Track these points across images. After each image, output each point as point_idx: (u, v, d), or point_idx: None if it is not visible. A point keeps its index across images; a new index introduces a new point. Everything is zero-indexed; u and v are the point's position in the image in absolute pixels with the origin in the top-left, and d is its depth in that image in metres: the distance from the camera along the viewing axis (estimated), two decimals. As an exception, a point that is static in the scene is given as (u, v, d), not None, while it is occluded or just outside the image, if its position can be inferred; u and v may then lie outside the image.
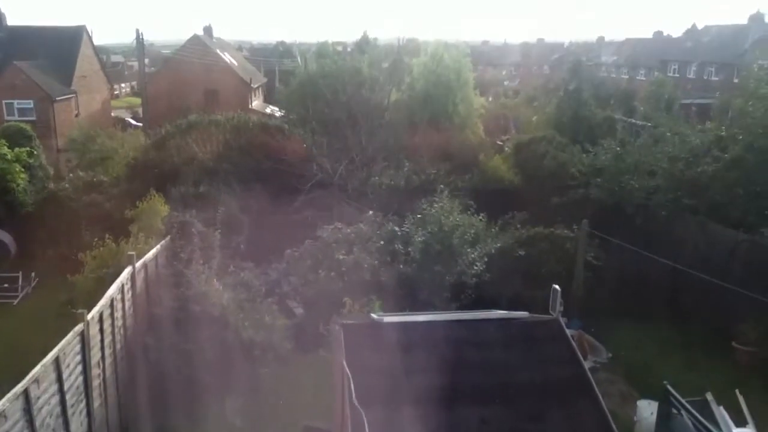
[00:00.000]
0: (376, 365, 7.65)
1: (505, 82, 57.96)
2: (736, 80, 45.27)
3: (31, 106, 35.06)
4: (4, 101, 34.78)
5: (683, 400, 11.58)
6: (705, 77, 57.90)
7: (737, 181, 16.84)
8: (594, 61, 75.73)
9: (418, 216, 17.09)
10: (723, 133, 18.91)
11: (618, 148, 20.39)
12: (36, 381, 8.03)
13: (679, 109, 34.02)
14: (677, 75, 60.65)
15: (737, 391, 11.50)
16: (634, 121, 29.72)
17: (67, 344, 9.05)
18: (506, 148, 27.97)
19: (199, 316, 12.52)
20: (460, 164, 23.70)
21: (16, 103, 34.97)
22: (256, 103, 50.38)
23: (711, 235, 16.91)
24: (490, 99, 45.16)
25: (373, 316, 9.00)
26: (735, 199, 16.76)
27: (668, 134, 20.33)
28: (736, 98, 20.90)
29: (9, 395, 7.38)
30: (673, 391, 11.82)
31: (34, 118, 33.93)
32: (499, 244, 17.28)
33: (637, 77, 67.97)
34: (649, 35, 79.59)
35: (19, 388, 7.57)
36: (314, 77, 27.28)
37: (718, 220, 16.94)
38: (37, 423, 7.99)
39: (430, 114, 27.89)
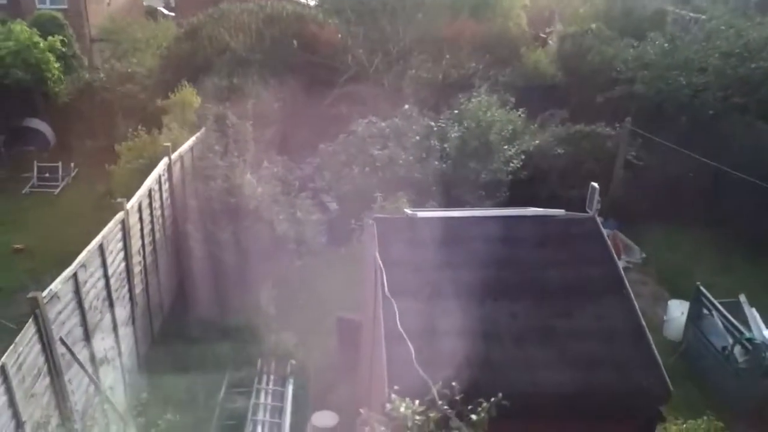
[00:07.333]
0: (407, 259, 7.71)
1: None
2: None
3: (62, -7, 34.38)
4: (34, -12, 34.15)
5: (715, 301, 11.56)
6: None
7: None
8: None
9: (455, 111, 16.70)
10: None
11: (666, 45, 19.30)
12: (83, 266, 8.34)
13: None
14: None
15: (772, 293, 11.41)
16: (686, 14, 27.92)
17: (109, 232, 9.33)
18: (549, 41, 26.73)
19: (235, 208, 12.69)
20: (500, 57, 22.80)
21: (47, -10, 34.32)
22: (290, -10, 48.65)
23: (759, 135, 16.19)
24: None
25: (407, 211, 8.99)
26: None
27: (722, 28, 19.11)
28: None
29: (61, 277, 7.68)
30: (705, 292, 11.79)
31: (65, 6, 33.28)
32: (537, 142, 16.91)
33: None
34: None
35: (68, 271, 7.88)
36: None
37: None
38: (86, 305, 8.39)
39: (472, 3, 26.59)
